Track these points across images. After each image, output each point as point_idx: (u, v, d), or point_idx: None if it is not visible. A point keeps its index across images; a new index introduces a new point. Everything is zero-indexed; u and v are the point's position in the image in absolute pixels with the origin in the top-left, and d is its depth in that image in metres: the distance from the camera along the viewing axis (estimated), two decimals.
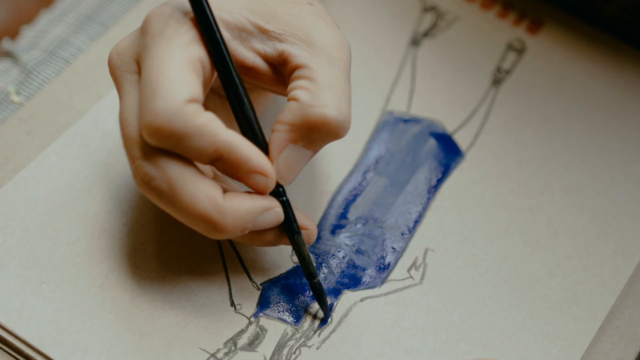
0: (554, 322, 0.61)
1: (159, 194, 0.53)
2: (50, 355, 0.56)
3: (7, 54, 0.72)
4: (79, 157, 0.64)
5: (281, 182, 0.56)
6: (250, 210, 0.54)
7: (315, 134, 0.55)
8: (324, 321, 0.60)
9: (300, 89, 0.55)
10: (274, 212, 0.55)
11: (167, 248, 0.61)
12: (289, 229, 0.57)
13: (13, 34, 0.77)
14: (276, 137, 0.55)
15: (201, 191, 0.53)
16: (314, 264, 0.59)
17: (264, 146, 0.55)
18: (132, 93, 0.54)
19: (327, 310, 0.59)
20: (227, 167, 0.53)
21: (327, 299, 0.60)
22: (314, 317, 0.60)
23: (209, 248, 0.61)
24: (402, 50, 0.72)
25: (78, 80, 0.68)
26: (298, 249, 0.57)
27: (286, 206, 0.56)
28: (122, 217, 0.62)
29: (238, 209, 0.54)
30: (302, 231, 0.57)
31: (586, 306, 0.61)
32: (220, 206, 0.53)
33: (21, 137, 0.65)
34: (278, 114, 0.57)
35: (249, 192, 0.55)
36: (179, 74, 0.52)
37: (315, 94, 0.54)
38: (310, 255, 0.58)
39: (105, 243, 0.61)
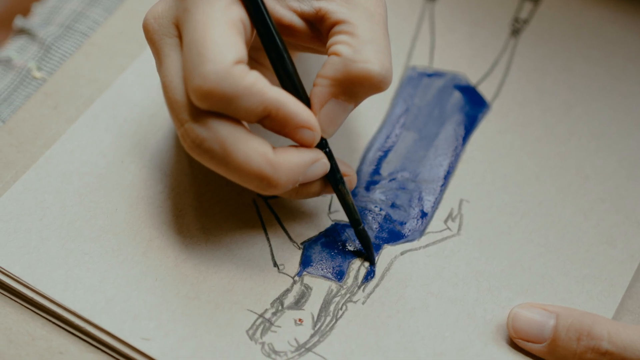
0: (592, 264, 0.61)
1: (211, 155, 0.53)
2: (101, 324, 0.56)
3: (22, 31, 0.72)
4: (108, 128, 0.64)
5: (324, 135, 0.56)
6: (301, 164, 0.55)
7: (357, 88, 0.55)
8: (368, 274, 0.60)
9: (341, 44, 0.55)
10: (321, 163, 0.56)
11: (206, 213, 0.61)
12: (333, 179, 0.58)
13: (24, 11, 0.76)
14: (318, 91, 0.55)
15: (253, 149, 0.53)
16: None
17: (306, 101, 0.56)
18: (173, 57, 0.54)
19: (373, 255, 0.60)
20: (275, 124, 0.54)
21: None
22: (357, 273, 0.60)
23: (246, 211, 0.62)
24: (418, 6, 0.72)
25: (98, 53, 0.68)
26: (342, 197, 0.58)
27: (330, 157, 0.57)
28: (158, 185, 0.62)
29: (289, 163, 0.54)
30: (345, 178, 0.58)
31: (622, 247, 0.62)
32: (272, 162, 0.53)
33: (48, 112, 0.65)
34: (302, 75, 0.57)
35: (295, 146, 0.56)
36: (224, 36, 0.52)
37: (357, 48, 0.54)
38: (354, 202, 0.59)
39: (144, 212, 0.61)
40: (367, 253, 0.60)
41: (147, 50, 0.67)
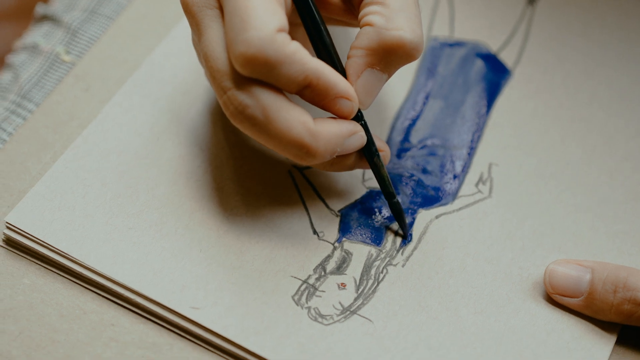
0: (621, 221, 0.63)
1: (253, 123, 0.54)
2: (151, 296, 0.58)
3: (45, 18, 0.73)
4: (141, 107, 0.65)
5: (360, 107, 0.57)
6: (339, 134, 0.56)
7: (391, 56, 0.56)
8: (404, 240, 0.61)
9: (373, 14, 0.56)
10: (359, 135, 0.57)
11: (244, 185, 0.62)
12: (368, 152, 0.59)
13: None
14: (353, 62, 0.57)
15: (294, 117, 0.54)
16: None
17: (342, 73, 0.57)
18: (214, 27, 0.55)
19: (407, 228, 0.61)
20: (314, 95, 0.55)
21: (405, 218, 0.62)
22: (395, 237, 0.62)
23: (283, 182, 0.63)
24: None
25: (125, 35, 0.69)
26: (377, 170, 0.59)
27: (366, 129, 0.58)
28: (195, 160, 0.63)
29: (328, 133, 0.55)
30: (379, 154, 0.59)
31: None
32: (313, 131, 0.55)
33: (80, 94, 0.66)
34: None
35: (334, 118, 0.57)
36: (266, 4, 0.53)
37: (389, 17, 0.56)
38: (389, 176, 0.60)
39: (184, 186, 0.62)
40: (401, 226, 0.61)
41: (173, 31, 0.68)
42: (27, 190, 0.62)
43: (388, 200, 0.60)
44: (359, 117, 0.58)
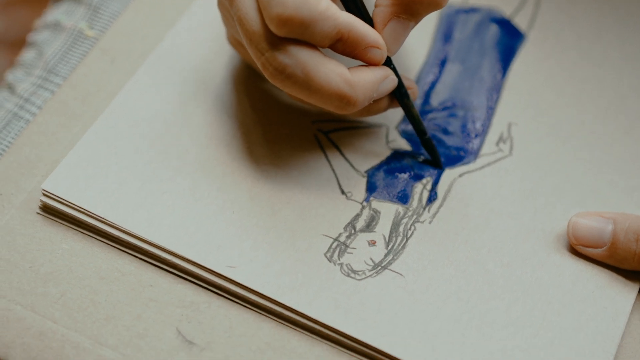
0: (639, 175, 0.65)
1: (294, 80, 0.56)
2: (188, 256, 0.59)
3: None
4: (167, 78, 0.66)
5: (388, 54, 0.60)
6: (374, 80, 0.58)
7: (417, 5, 0.58)
8: (431, 196, 0.63)
9: None
10: (391, 79, 0.60)
11: (272, 150, 0.64)
12: (399, 93, 0.62)
13: None
14: (380, 12, 0.59)
15: (332, 70, 0.56)
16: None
17: (370, 23, 0.59)
18: None
19: (439, 159, 0.64)
20: (346, 47, 0.57)
21: (429, 178, 0.64)
22: (421, 195, 0.63)
23: (309, 146, 0.65)
24: None
25: (147, 9, 0.71)
26: (408, 109, 0.62)
27: (395, 73, 0.60)
28: (223, 127, 0.65)
29: (364, 81, 0.58)
30: (408, 91, 0.62)
31: None
32: (350, 81, 0.57)
33: (107, 67, 0.68)
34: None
35: (366, 66, 0.59)
36: None
37: None
38: (419, 114, 0.63)
39: (214, 151, 0.63)
40: (434, 159, 0.64)
41: (194, 3, 0.70)
42: (59, 159, 0.63)
43: (420, 137, 0.63)
44: (388, 62, 0.60)
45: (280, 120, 0.65)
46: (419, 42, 0.70)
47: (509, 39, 0.71)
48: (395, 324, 0.58)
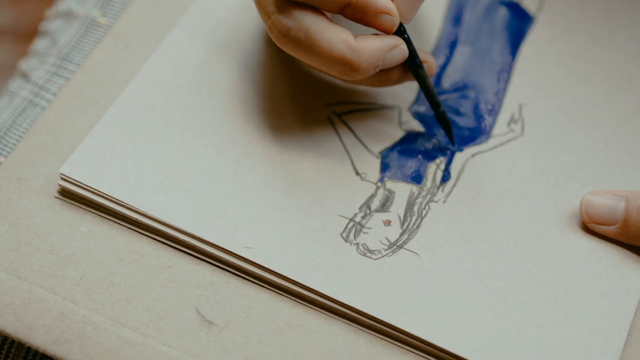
0: None
1: (297, 44, 0.57)
2: (205, 237, 0.60)
3: None
4: (180, 63, 0.67)
5: (402, 21, 0.60)
6: (380, 49, 0.59)
7: None
8: (444, 176, 0.64)
9: None
10: (400, 49, 0.60)
11: (286, 132, 0.65)
12: (412, 64, 0.62)
13: None
14: None
15: (336, 35, 0.57)
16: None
17: None
18: None
19: (453, 135, 0.65)
20: (355, 12, 0.58)
21: (442, 158, 0.64)
22: (434, 175, 0.64)
23: (323, 128, 0.65)
24: None
25: None
26: (423, 81, 0.63)
27: (409, 43, 0.61)
28: (236, 110, 0.65)
29: (370, 48, 0.58)
30: (424, 65, 0.62)
31: None
32: (354, 47, 0.58)
33: (120, 53, 0.68)
34: None
35: (376, 34, 0.59)
36: None
37: None
38: (434, 86, 0.63)
39: (228, 134, 0.64)
40: (447, 133, 0.65)
41: None
42: (76, 144, 0.64)
43: (434, 110, 0.64)
44: (401, 32, 0.61)
45: (293, 104, 0.66)
46: (429, 24, 0.71)
47: (518, 21, 0.71)
48: (411, 302, 0.59)
